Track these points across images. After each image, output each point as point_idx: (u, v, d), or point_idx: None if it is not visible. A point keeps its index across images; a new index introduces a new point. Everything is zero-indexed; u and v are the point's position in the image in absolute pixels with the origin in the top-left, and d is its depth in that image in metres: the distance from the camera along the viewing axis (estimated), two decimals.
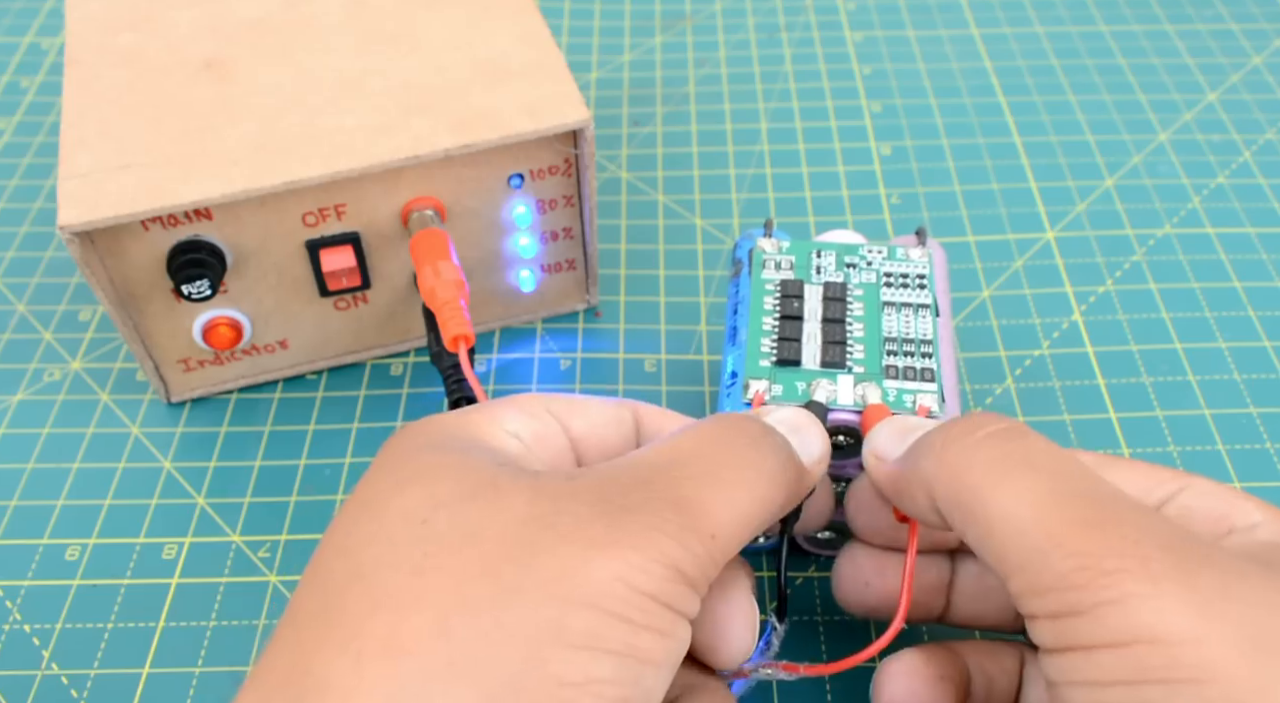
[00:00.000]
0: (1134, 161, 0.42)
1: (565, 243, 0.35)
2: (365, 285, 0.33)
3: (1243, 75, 0.46)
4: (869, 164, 0.42)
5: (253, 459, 0.33)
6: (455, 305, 0.30)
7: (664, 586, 0.19)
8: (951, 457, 0.21)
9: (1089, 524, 0.19)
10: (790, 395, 0.26)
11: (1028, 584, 0.19)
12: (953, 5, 0.50)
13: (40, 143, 0.44)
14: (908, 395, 0.26)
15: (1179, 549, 0.19)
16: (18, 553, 0.31)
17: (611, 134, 0.44)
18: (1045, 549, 0.19)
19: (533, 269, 0.35)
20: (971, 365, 0.35)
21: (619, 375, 0.35)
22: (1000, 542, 0.20)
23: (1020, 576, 0.19)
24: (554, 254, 0.35)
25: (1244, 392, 0.34)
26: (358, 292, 0.33)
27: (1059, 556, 0.19)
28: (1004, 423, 0.21)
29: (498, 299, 0.36)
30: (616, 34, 0.49)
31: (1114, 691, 0.18)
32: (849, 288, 0.29)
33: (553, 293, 0.36)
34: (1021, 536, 0.19)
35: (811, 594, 0.30)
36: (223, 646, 0.29)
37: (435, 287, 0.30)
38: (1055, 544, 0.19)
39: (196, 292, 0.31)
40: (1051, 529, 0.19)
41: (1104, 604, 0.18)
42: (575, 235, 0.35)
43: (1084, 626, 0.18)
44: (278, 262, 0.32)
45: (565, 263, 0.36)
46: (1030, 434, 0.21)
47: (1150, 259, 0.38)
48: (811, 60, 0.47)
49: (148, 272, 0.31)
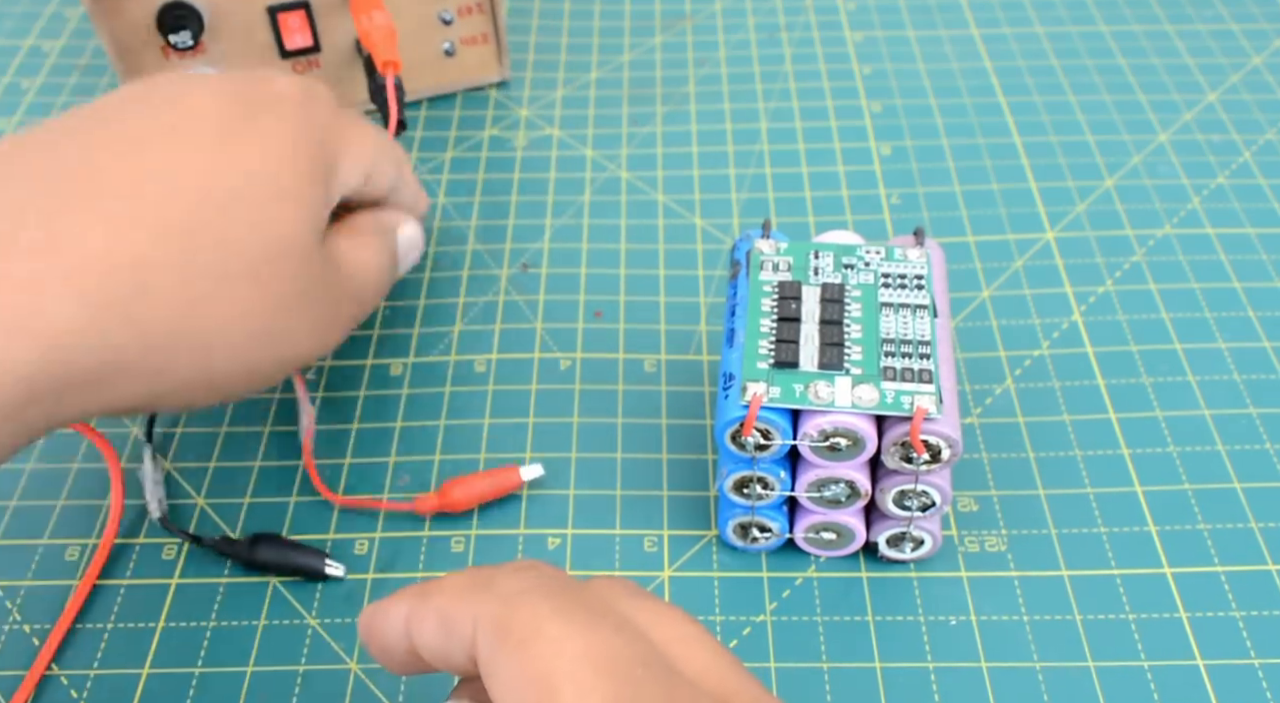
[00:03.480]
0: (1134, 162, 0.42)
1: (479, 17, 0.43)
2: (316, 48, 0.41)
3: (1243, 75, 0.46)
4: (869, 164, 0.42)
5: (253, 460, 0.33)
6: (388, 41, 0.38)
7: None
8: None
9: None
10: (788, 397, 0.26)
11: None
12: (953, 5, 0.50)
13: None
14: (905, 397, 0.26)
15: None
16: (18, 553, 0.31)
17: (611, 134, 0.44)
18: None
19: (452, 41, 0.44)
20: (971, 366, 0.35)
21: (619, 375, 0.35)
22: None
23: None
24: (469, 28, 0.44)
25: (1244, 392, 0.34)
26: (311, 53, 0.41)
27: None
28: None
29: (425, 66, 0.44)
30: (616, 34, 0.49)
31: None
32: (847, 289, 0.29)
33: (472, 64, 0.45)
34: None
35: (811, 594, 0.30)
36: (223, 646, 0.29)
37: (369, 29, 0.38)
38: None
39: (180, 41, 0.38)
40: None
41: None
42: (486, 10, 0.43)
43: None
44: (245, 24, 0.40)
45: (479, 37, 0.44)
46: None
47: (1150, 259, 0.38)
48: (811, 60, 0.47)
49: (141, 29, 0.38)
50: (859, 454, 0.27)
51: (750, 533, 0.30)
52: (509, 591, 0.19)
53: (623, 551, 0.31)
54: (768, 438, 0.27)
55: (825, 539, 0.30)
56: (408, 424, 0.34)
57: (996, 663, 0.28)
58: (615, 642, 0.19)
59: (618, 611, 0.20)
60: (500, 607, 0.19)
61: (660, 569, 0.30)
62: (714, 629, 0.29)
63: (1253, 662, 0.28)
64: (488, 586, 0.20)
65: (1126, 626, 0.29)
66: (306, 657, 0.29)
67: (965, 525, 0.31)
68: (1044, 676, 0.28)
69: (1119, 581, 0.30)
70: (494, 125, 0.44)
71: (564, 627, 0.18)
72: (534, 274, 0.38)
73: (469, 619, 0.19)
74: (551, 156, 0.43)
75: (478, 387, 0.35)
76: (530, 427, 0.34)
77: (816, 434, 0.27)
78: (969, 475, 0.32)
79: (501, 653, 0.18)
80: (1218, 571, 0.30)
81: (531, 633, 0.18)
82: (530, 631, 0.18)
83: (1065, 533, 0.31)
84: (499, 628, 0.19)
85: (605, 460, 0.33)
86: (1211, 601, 0.29)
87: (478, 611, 0.19)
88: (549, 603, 0.19)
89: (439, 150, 0.43)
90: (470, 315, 0.37)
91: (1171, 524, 0.31)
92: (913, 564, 0.30)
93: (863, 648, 0.29)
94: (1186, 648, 0.28)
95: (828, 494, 0.28)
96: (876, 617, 0.29)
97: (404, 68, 0.42)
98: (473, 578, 0.20)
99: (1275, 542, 0.30)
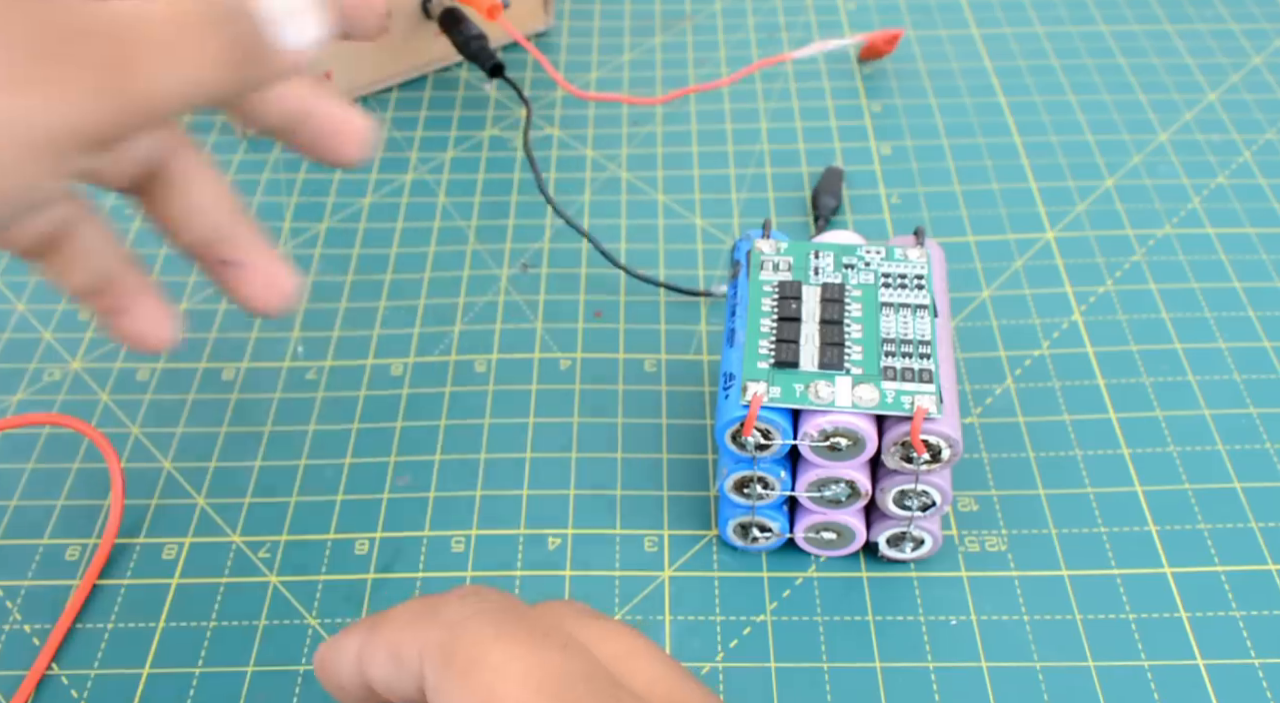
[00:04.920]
0: (1134, 162, 0.42)
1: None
2: (387, 13, 0.40)
3: (1243, 75, 0.46)
4: (869, 164, 0.42)
5: (253, 460, 0.33)
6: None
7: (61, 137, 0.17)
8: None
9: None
10: (788, 397, 0.26)
11: None
12: (953, 5, 0.50)
13: None
14: (905, 397, 0.26)
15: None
16: (18, 553, 0.31)
17: (611, 134, 0.44)
18: None
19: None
20: (971, 366, 0.35)
21: (619, 375, 0.35)
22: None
23: None
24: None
25: (1244, 392, 0.34)
26: None
27: None
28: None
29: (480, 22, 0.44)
30: (616, 34, 0.49)
31: None
32: (847, 289, 0.29)
33: (521, 14, 0.47)
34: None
35: (811, 594, 0.30)
36: (223, 646, 0.29)
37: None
38: None
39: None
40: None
41: None
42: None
43: None
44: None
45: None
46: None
47: (1150, 259, 0.38)
48: (811, 60, 0.47)
49: None
50: (859, 454, 0.27)
51: (750, 533, 0.30)
52: (453, 618, 0.19)
53: (623, 551, 0.31)
54: (768, 438, 0.27)
55: (825, 539, 0.30)
56: (408, 424, 0.34)
57: (996, 663, 0.28)
58: (557, 660, 0.19)
59: (562, 630, 0.20)
60: (444, 634, 0.19)
61: (660, 569, 0.30)
62: (714, 629, 0.29)
63: (1253, 662, 0.28)
64: (433, 614, 0.20)
65: (1127, 625, 0.29)
66: (306, 657, 0.29)
67: (965, 525, 0.31)
68: (1044, 675, 0.28)
69: (1119, 580, 0.30)
70: (494, 125, 0.44)
71: (507, 650, 0.18)
72: (534, 274, 0.38)
73: (415, 649, 0.19)
74: (551, 157, 0.43)
75: (478, 387, 0.35)
76: (530, 427, 0.34)
77: (817, 434, 0.27)
78: (969, 475, 0.32)
79: (446, 681, 0.19)
80: (1218, 570, 0.30)
81: (475, 659, 0.18)
82: (474, 657, 0.19)
83: (1065, 533, 0.31)
84: (444, 656, 0.19)
85: (605, 460, 0.33)
86: (1211, 600, 0.29)
87: (424, 640, 0.19)
88: (492, 628, 0.19)
89: (439, 150, 0.43)
90: (470, 315, 0.37)
91: (1171, 524, 0.31)
92: (913, 564, 0.30)
93: (863, 648, 0.29)
94: (1187, 648, 0.28)
95: (828, 494, 0.28)
96: (877, 617, 0.29)
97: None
98: (420, 608, 0.20)
99: (1275, 542, 0.30)
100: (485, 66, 0.42)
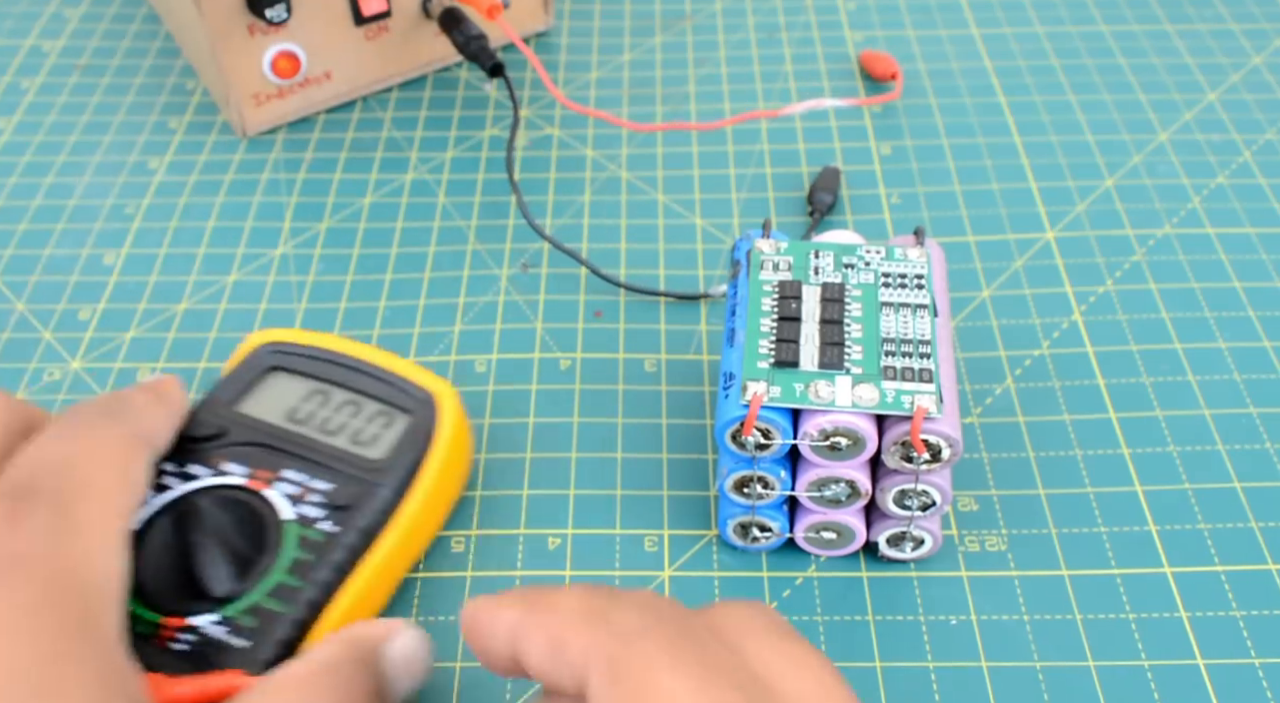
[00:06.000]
0: (1134, 162, 0.42)
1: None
2: (388, 13, 0.43)
3: (1243, 75, 0.46)
4: (869, 164, 0.42)
5: None
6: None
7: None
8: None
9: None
10: (788, 397, 0.26)
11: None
12: (953, 5, 0.50)
13: (40, 142, 0.44)
14: (905, 396, 0.26)
15: None
16: None
17: (611, 134, 0.44)
18: None
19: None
20: (971, 365, 0.35)
21: (619, 375, 0.35)
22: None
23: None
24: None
25: (1244, 392, 0.34)
26: (382, 19, 0.43)
27: None
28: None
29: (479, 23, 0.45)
30: (616, 34, 0.49)
31: None
32: (847, 288, 0.29)
33: (521, 14, 0.47)
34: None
35: (811, 594, 0.30)
36: None
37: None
38: None
39: (276, 15, 0.40)
40: None
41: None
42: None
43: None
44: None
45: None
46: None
47: (1150, 259, 0.38)
48: (811, 60, 0.47)
49: (229, 8, 0.40)
50: (859, 454, 0.27)
51: (750, 533, 0.30)
52: (626, 629, 0.19)
53: (623, 550, 0.31)
54: (768, 437, 0.27)
55: (825, 539, 0.30)
56: None
57: (996, 663, 0.28)
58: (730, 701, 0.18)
59: (742, 658, 0.19)
60: (616, 647, 0.19)
61: (660, 569, 0.30)
62: None
63: (1253, 661, 0.28)
64: (604, 617, 0.19)
65: (1126, 625, 0.29)
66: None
67: (965, 525, 0.31)
68: (1044, 675, 0.28)
69: (1119, 580, 0.30)
70: (494, 125, 0.44)
71: (679, 684, 0.18)
72: (534, 274, 0.38)
73: (581, 651, 0.19)
74: (551, 156, 0.43)
75: (478, 387, 0.35)
76: (530, 427, 0.34)
77: (817, 434, 0.27)
78: (969, 475, 0.32)
79: (612, 698, 0.18)
80: (1218, 570, 0.30)
81: (645, 685, 0.18)
82: (644, 682, 0.18)
83: (1065, 533, 0.31)
84: (612, 672, 0.18)
85: (605, 460, 0.33)
86: (1211, 600, 0.29)
87: (591, 644, 0.19)
88: (668, 655, 0.18)
89: (439, 150, 0.43)
90: (470, 315, 0.37)
91: (1171, 524, 0.31)
92: (913, 564, 0.30)
93: (863, 648, 0.29)
94: (1187, 648, 0.28)
95: (828, 494, 0.28)
96: (876, 616, 0.29)
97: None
98: (590, 605, 0.20)
99: (1275, 542, 0.30)
100: (485, 66, 0.42)
